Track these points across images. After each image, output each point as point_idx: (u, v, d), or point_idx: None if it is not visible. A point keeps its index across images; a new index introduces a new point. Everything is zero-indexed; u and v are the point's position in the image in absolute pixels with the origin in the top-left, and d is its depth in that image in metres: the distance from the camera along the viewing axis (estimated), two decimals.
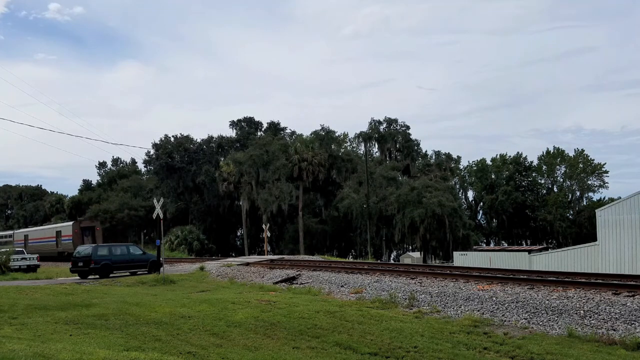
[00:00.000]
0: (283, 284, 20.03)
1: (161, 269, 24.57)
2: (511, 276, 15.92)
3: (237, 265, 27.22)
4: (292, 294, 16.68)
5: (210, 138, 74.84)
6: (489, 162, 79.15)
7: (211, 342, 9.29)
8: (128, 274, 25.68)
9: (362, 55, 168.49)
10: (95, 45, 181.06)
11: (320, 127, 66.45)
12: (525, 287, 13.88)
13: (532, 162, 76.55)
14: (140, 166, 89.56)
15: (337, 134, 71.39)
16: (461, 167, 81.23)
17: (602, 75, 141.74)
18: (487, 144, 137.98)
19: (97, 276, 24.28)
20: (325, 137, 65.09)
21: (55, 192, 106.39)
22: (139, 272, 25.72)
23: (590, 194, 73.76)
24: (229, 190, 62.54)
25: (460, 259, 42.22)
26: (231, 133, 76.43)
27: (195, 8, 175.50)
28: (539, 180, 76.84)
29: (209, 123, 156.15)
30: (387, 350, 8.99)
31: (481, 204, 78.41)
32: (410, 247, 61.34)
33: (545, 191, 75.93)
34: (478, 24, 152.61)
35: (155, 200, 24.58)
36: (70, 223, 48.37)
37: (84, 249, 26.32)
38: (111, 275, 24.82)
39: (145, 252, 28.49)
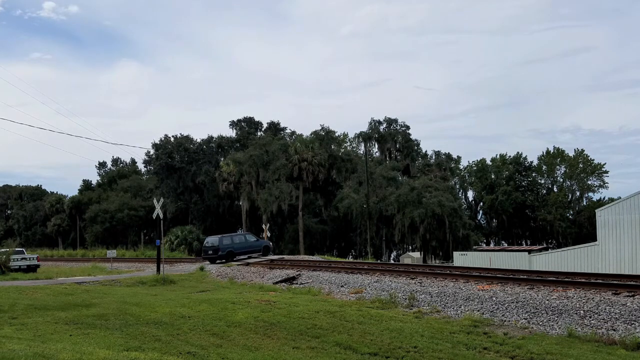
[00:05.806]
0: (283, 284, 20.03)
1: (162, 268, 24.68)
2: (511, 276, 15.91)
3: (237, 265, 27.24)
4: (292, 294, 16.67)
5: (210, 138, 74.82)
6: (488, 162, 79.16)
7: (211, 342, 9.28)
8: (246, 257, 30.41)
9: (360, 55, 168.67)
10: (92, 44, 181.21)
11: (320, 127, 66.34)
12: (525, 287, 13.87)
13: (532, 162, 76.54)
14: (140, 166, 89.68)
15: (337, 134, 71.33)
16: (461, 167, 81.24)
17: (600, 75, 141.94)
18: (487, 144, 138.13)
19: (224, 261, 28.91)
20: (325, 137, 64.97)
21: (55, 192, 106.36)
22: (254, 256, 30.69)
23: (590, 194, 73.84)
24: (229, 190, 62.49)
25: (460, 259, 42.19)
26: (231, 133, 76.44)
27: (194, 7, 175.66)
28: (539, 180, 76.78)
29: (209, 123, 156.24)
30: (387, 350, 8.99)
31: (481, 204, 78.36)
32: (410, 247, 61.29)
33: (545, 191, 75.88)
34: (477, 23, 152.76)
35: (155, 200, 24.65)
36: None
37: (213, 240, 31.03)
38: (234, 259, 29.72)
39: (258, 238, 33.94)
